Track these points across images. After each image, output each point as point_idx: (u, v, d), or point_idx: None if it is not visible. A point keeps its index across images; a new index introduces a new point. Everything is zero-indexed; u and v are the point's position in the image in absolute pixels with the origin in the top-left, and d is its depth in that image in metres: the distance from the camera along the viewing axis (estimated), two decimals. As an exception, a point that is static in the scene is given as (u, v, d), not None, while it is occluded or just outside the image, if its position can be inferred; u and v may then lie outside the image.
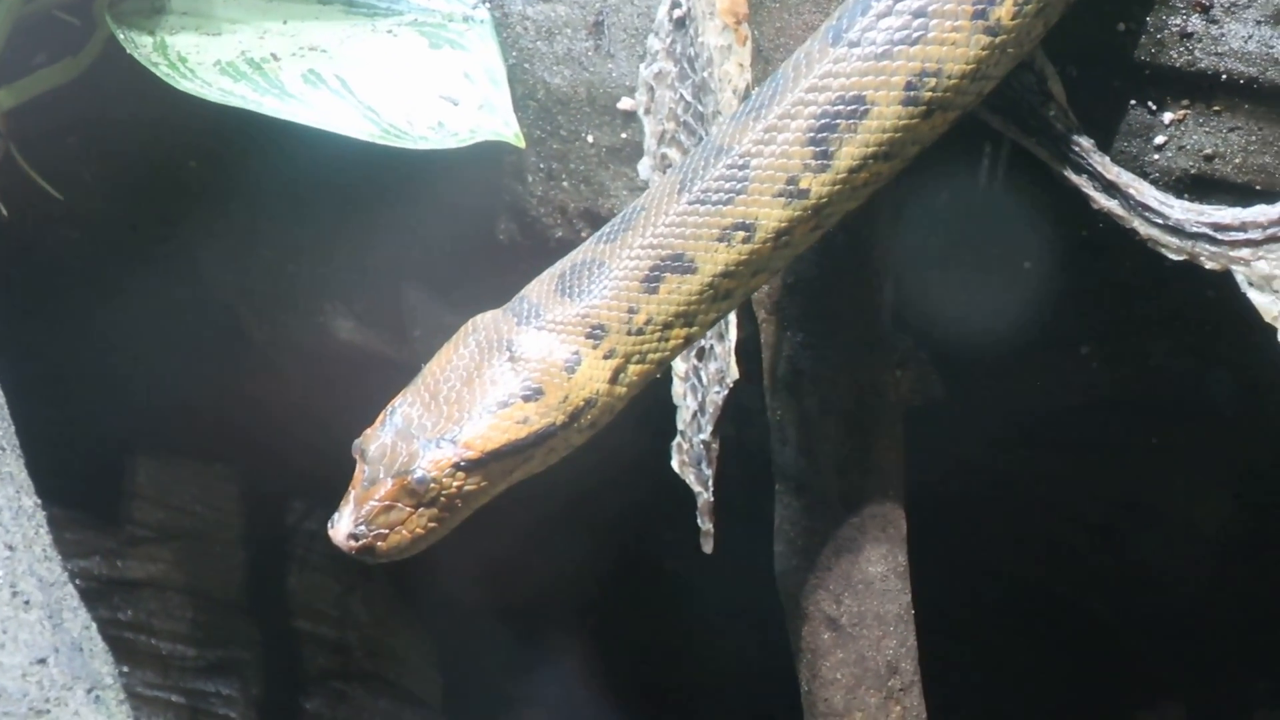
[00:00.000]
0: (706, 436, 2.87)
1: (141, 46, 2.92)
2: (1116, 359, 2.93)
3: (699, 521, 2.90)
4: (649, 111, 2.89)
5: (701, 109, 2.81)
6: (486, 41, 2.97)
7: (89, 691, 2.36)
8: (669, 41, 2.85)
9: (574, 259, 2.46)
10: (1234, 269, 2.49)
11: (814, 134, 2.35)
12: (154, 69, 2.89)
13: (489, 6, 3.02)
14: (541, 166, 3.06)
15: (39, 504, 2.55)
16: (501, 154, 3.03)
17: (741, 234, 2.39)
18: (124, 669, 4.13)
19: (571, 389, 2.38)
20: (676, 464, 2.91)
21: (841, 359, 2.67)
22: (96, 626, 2.49)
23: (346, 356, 3.44)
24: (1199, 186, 2.60)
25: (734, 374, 2.83)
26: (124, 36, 2.92)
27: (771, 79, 2.40)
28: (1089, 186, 2.55)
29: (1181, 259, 2.52)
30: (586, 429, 2.41)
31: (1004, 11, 2.33)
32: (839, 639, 2.69)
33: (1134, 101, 2.59)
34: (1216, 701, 3.71)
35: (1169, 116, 2.59)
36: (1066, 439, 3.20)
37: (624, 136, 2.98)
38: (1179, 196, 2.56)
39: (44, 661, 2.35)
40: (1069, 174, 2.56)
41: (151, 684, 4.24)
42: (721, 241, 2.39)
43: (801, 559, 2.71)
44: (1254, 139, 2.58)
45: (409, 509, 2.36)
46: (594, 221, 3.00)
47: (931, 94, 2.34)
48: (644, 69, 2.89)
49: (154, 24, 2.98)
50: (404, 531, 2.37)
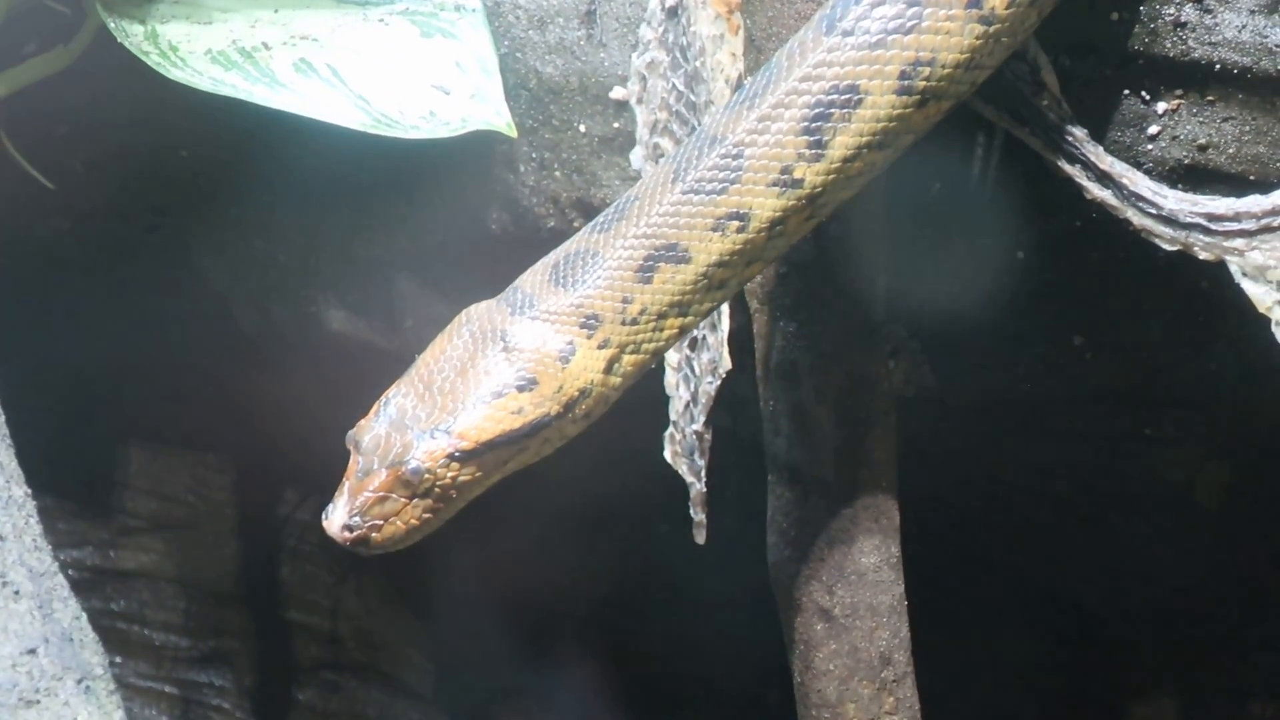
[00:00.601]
0: (699, 427, 2.87)
1: (132, 35, 2.91)
2: (1109, 350, 2.93)
3: (691, 512, 2.90)
4: (641, 101, 2.88)
5: (694, 98, 2.81)
6: (478, 30, 2.96)
7: (79, 682, 2.36)
8: (661, 31, 2.84)
9: (568, 249, 2.45)
10: (1228, 259, 2.49)
11: (808, 123, 2.35)
12: (145, 58, 2.88)
13: (481, -5, 3.01)
14: (534, 156, 3.05)
15: (29, 494, 2.54)
16: (493, 143, 3.02)
17: (736, 223, 2.38)
18: (116, 659, 4.13)
19: (566, 379, 2.38)
20: (669, 454, 2.91)
21: (834, 349, 2.67)
22: (87, 617, 2.49)
23: (338, 346, 3.44)
24: (1193, 176, 2.60)
25: (727, 364, 2.83)
26: (115, 25, 2.91)
27: (765, 68, 2.40)
28: (1082, 177, 2.55)
29: (1175, 249, 2.52)
30: (581, 419, 2.41)
31: (998, 1, 2.33)
32: (832, 630, 2.69)
33: (1127, 91, 2.58)
34: (1210, 692, 3.71)
35: (1162, 106, 2.59)
36: (1059, 430, 3.20)
37: (616, 126, 2.98)
38: (1173, 187, 2.56)
39: (34, 652, 2.35)
40: (1062, 164, 2.55)
41: (144, 674, 4.24)
42: (716, 231, 2.39)
43: (794, 550, 2.70)
44: (1248, 129, 2.58)
45: (403, 500, 2.36)
46: (586, 211, 3.00)
47: (925, 83, 2.33)
48: (636, 58, 2.88)
49: (145, 13, 2.97)
50: (399, 523, 2.37)
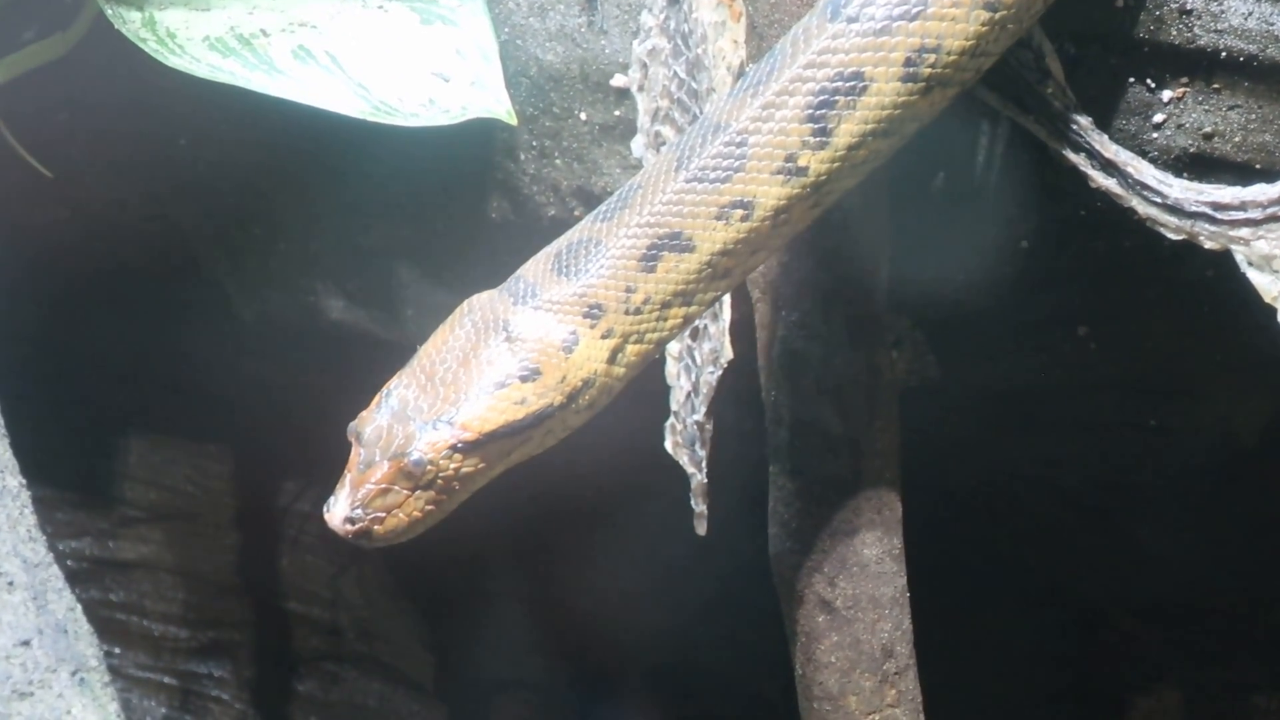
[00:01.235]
0: (700, 417, 2.86)
1: (130, 22, 2.90)
2: (1114, 339, 2.92)
3: (692, 503, 2.89)
4: (642, 88, 2.87)
5: (695, 86, 2.79)
6: (478, 17, 2.95)
7: (73, 674, 2.35)
8: (662, 18, 2.83)
9: (570, 238, 2.44)
10: (1233, 248, 2.48)
11: (812, 111, 2.33)
12: (143, 45, 2.87)
13: (481, -18, 3.00)
14: (534, 144, 3.04)
15: (24, 484, 2.53)
16: (493, 131, 3.01)
17: (740, 212, 2.37)
18: (115, 650, 4.13)
19: (569, 369, 2.36)
20: (670, 445, 2.90)
21: (837, 339, 2.66)
22: (86, 607, 2.48)
23: (337, 336, 3.43)
24: (1198, 165, 2.59)
25: (728, 354, 2.82)
26: (112, 12, 2.90)
27: (769, 55, 2.38)
28: (1087, 165, 2.54)
29: (1180, 238, 2.51)
30: (585, 410, 2.39)
31: (1004, -12, 2.32)
32: (834, 622, 2.68)
33: (1133, 79, 2.57)
34: (1213, 685, 3.71)
35: (1168, 94, 2.58)
36: (1063, 420, 3.20)
37: (617, 114, 2.97)
38: (1178, 175, 2.55)
39: (28, 644, 2.34)
40: (1067, 152, 2.55)
41: (143, 665, 4.24)
42: (720, 220, 2.37)
43: (796, 541, 2.70)
44: (1254, 117, 2.57)
45: (406, 492, 2.34)
46: (587, 200, 2.99)
47: (931, 70, 2.32)
48: (637, 45, 2.87)
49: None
50: (401, 515, 2.35)
